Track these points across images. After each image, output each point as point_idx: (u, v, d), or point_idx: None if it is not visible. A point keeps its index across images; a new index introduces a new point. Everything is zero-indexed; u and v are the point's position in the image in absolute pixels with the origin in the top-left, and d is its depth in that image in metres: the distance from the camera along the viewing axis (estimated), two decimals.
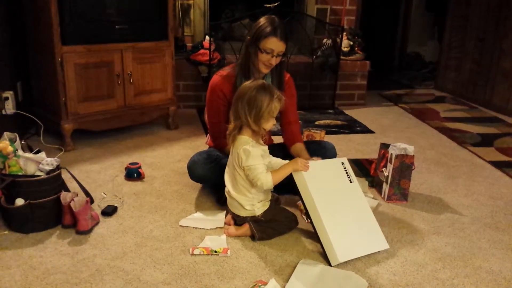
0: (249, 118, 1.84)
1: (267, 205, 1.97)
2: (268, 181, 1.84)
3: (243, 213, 1.95)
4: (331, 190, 1.94)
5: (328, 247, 1.81)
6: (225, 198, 2.02)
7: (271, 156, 2.01)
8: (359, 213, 1.96)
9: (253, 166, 1.83)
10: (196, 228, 2.02)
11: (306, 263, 1.78)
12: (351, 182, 2.01)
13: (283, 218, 2.00)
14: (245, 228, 1.95)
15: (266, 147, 1.95)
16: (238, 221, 1.99)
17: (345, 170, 2.02)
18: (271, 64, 2.14)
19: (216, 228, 2.02)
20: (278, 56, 2.13)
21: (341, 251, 1.79)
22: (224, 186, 2.00)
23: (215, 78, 2.24)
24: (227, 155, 2.04)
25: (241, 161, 1.85)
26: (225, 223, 2.05)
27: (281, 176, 1.88)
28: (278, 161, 1.99)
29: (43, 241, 1.88)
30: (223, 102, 2.21)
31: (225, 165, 2.01)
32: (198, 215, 2.14)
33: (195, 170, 2.23)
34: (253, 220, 1.94)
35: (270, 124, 1.89)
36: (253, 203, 1.93)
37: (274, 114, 1.88)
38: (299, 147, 2.26)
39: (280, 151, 2.24)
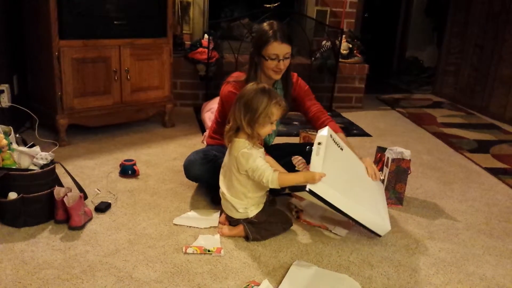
0: (243, 122, 1.80)
1: (260, 207, 1.95)
2: (274, 178, 1.78)
3: (236, 215, 1.94)
4: (342, 174, 1.92)
5: (373, 224, 1.93)
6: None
7: None
8: (365, 177, 2.08)
9: (255, 166, 1.81)
10: (190, 227, 2.01)
11: (299, 264, 1.77)
12: (342, 150, 2.01)
13: (278, 219, 1.99)
14: (239, 229, 1.94)
15: (262, 149, 1.93)
16: (231, 222, 1.98)
17: (334, 141, 1.96)
18: (280, 69, 2.10)
19: (210, 227, 2.01)
20: (286, 59, 2.09)
21: (385, 220, 1.96)
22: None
23: (228, 87, 2.17)
24: None
25: (241, 165, 1.83)
26: (219, 223, 2.04)
27: (289, 181, 1.79)
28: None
29: (35, 236, 1.87)
30: None
31: None
32: (193, 214, 2.13)
33: (191, 169, 2.22)
34: (247, 221, 1.92)
35: (266, 130, 1.84)
36: (247, 206, 1.92)
37: (272, 120, 1.83)
38: (330, 126, 2.11)
39: (277, 151, 2.23)
